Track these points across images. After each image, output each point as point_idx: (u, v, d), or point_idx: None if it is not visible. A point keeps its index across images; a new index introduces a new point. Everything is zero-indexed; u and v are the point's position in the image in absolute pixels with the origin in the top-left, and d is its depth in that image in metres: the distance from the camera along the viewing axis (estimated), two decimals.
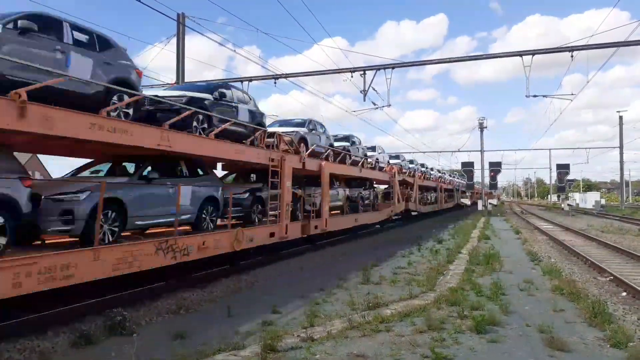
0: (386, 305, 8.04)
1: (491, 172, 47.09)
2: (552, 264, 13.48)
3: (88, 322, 7.13)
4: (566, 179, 50.44)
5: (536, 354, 5.71)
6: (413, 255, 15.38)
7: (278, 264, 13.56)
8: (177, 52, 18.70)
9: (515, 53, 18.69)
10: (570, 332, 6.55)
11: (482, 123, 46.51)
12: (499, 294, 8.82)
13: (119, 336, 6.67)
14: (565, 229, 27.21)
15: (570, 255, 16.06)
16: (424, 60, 22.91)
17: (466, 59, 21.72)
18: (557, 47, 18.42)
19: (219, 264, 11.34)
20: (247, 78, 22.21)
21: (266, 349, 5.54)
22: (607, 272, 12.01)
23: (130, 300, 8.47)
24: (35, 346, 6.19)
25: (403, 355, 5.57)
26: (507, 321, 7.10)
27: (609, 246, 17.66)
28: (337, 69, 21.28)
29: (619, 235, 22.73)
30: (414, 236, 21.51)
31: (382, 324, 6.82)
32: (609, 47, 17.85)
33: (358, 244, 19.74)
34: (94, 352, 6.17)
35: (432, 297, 8.63)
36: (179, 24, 18.04)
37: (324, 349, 5.74)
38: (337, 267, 13.13)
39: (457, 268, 12.25)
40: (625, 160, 55.97)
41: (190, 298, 9.19)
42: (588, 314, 7.36)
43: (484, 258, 13.57)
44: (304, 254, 15.46)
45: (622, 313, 8.16)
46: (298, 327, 6.84)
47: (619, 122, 53.68)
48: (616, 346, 5.93)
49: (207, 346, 5.96)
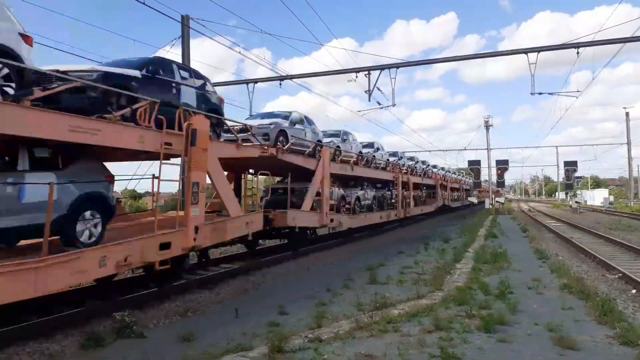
0: (393, 306, 8.02)
1: (498, 170, 46.87)
2: (560, 261, 13.40)
3: (96, 325, 7.18)
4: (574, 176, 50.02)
5: (545, 352, 5.67)
6: (420, 255, 15.33)
7: (285, 264, 13.56)
8: (182, 54, 18.79)
9: (521, 50, 18.56)
10: (580, 331, 6.49)
11: (488, 121, 46.37)
12: (507, 293, 8.77)
13: (128, 338, 6.70)
14: (573, 226, 27.03)
15: (578, 253, 15.95)
16: (429, 59, 22.82)
17: (471, 57, 21.59)
18: (563, 44, 18.27)
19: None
20: (252, 80, 22.26)
21: (274, 350, 5.54)
22: (616, 269, 11.92)
23: (138, 302, 8.50)
24: (45, 349, 6.24)
25: (411, 355, 5.55)
26: (516, 320, 7.06)
27: (618, 243, 17.52)
28: (341, 70, 21.27)
29: (627, 232, 22.56)
30: (420, 235, 21.46)
31: (389, 324, 6.80)
32: (615, 43, 17.68)
33: (364, 243, 19.71)
34: (103, 354, 6.21)
35: (440, 297, 8.60)
36: (184, 26, 18.13)
37: (331, 349, 5.73)
38: (344, 267, 13.12)
39: (465, 267, 12.21)
40: (633, 157, 55.49)
41: (197, 300, 9.23)
42: (597, 312, 7.30)
43: (491, 256, 13.51)
44: (310, 254, 15.46)
45: (632, 311, 8.10)
46: (305, 327, 6.84)
47: (626, 118, 53.29)
48: (626, 344, 5.87)
49: (215, 348, 5.97)
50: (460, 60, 23.30)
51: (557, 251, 16.27)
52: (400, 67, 19.92)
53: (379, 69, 19.87)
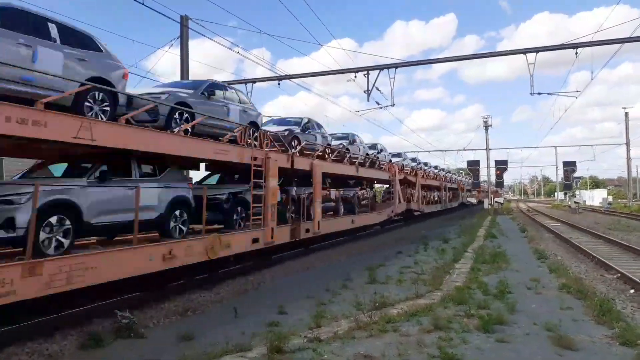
0: (392, 305, 8.03)
1: (497, 171, 46.88)
2: (559, 261, 13.43)
3: (96, 325, 7.18)
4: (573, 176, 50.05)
5: (544, 352, 5.68)
6: (419, 255, 15.34)
7: (284, 264, 13.57)
8: (180, 54, 18.80)
9: (519, 51, 18.57)
10: (578, 330, 6.51)
11: (487, 121, 46.39)
12: (506, 293, 8.79)
13: (127, 338, 6.71)
14: (571, 226, 27.07)
15: (577, 253, 15.98)
16: (427, 60, 22.83)
17: (469, 57, 21.59)
18: (561, 45, 18.27)
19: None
20: (251, 80, 22.25)
21: (273, 350, 5.55)
22: (614, 269, 11.95)
23: (137, 302, 8.51)
24: (44, 349, 6.24)
25: (410, 354, 5.56)
26: (515, 320, 7.07)
27: (616, 243, 17.55)
28: (340, 70, 21.26)
29: (626, 233, 22.59)
30: (419, 235, 21.48)
31: (388, 323, 6.80)
32: (613, 43, 17.69)
33: (364, 243, 19.73)
34: (103, 354, 6.21)
35: (439, 297, 8.62)
36: (182, 26, 18.14)
37: (330, 349, 5.74)
38: (343, 267, 13.13)
39: (464, 267, 12.23)
40: (632, 157, 55.61)
41: (197, 300, 9.23)
42: (596, 312, 7.31)
43: (490, 257, 13.53)
44: (309, 254, 15.47)
45: (631, 311, 8.12)
46: (304, 327, 6.84)
47: (625, 118, 53.37)
48: (625, 344, 5.89)
49: (215, 347, 5.97)
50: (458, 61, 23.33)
51: (555, 251, 16.30)
52: (399, 67, 19.90)
53: (378, 69, 19.87)
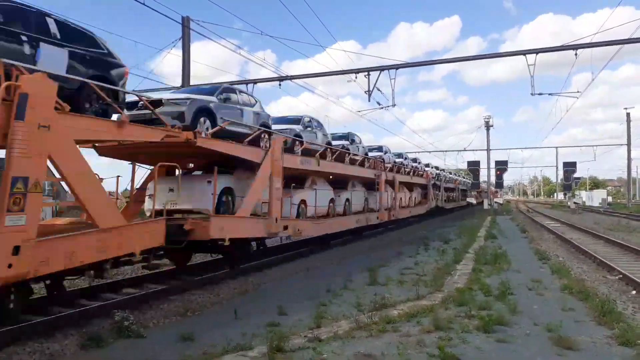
0: (393, 306, 8.02)
1: (497, 171, 46.90)
2: (560, 262, 13.41)
3: (96, 325, 7.18)
4: (573, 176, 50.09)
5: (544, 352, 5.68)
6: (420, 256, 15.31)
7: (284, 265, 13.56)
8: (182, 55, 18.83)
9: (520, 52, 18.59)
10: (579, 331, 6.50)
11: (488, 122, 46.35)
12: (507, 294, 8.77)
13: (127, 338, 6.70)
14: (572, 227, 27.05)
15: (578, 254, 15.96)
16: (429, 61, 22.97)
17: (470, 59, 21.61)
18: (561, 46, 18.27)
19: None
20: (252, 80, 22.28)
21: (273, 350, 5.55)
22: (616, 270, 11.93)
23: (137, 302, 8.52)
24: (45, 349, 6.23)
25: (410, 354, 5.55)
26: (516, 321, 7.07)
27: (617, 244, 17.54)
28: (341, 71, 21.29)
29: (626, 233, 22.58)
30: (420, 236, 21.46)
31: (389, 324, 6.80)
32: (613, 44, 17.69)
33: (365, 244, 19.71)
34: (103, 354, 6.21)
35: (440, 298, 8.61)
36: (184, 27, 18.17)
37: (330, 349, 5.74)
38: (344, 268, 13.10)
39: (465, 268, 12.21)
40: (632, 158, 55.69)
41: (197, 300, 9.22)
42: (597, 313, 7.31)
43: (491, 257, 13.51)
44: (309, 255, 15.46)
45: (632, 311, 8.10)
46: (305, 328, 6.84)
47: (627, 119, 53.42)
48: (625, 344, 5.89)
49: (215, 347, 5.97)
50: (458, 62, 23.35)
51: (556, 252, 16.29)
52: (400, 68, 19.93)
53: (378, 69, 19.89)
